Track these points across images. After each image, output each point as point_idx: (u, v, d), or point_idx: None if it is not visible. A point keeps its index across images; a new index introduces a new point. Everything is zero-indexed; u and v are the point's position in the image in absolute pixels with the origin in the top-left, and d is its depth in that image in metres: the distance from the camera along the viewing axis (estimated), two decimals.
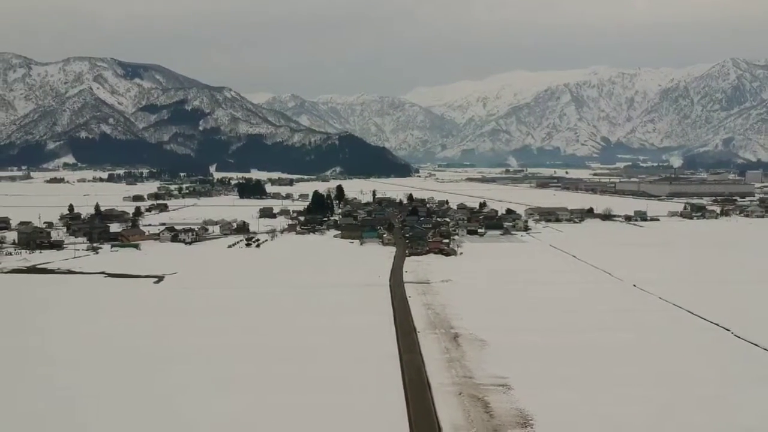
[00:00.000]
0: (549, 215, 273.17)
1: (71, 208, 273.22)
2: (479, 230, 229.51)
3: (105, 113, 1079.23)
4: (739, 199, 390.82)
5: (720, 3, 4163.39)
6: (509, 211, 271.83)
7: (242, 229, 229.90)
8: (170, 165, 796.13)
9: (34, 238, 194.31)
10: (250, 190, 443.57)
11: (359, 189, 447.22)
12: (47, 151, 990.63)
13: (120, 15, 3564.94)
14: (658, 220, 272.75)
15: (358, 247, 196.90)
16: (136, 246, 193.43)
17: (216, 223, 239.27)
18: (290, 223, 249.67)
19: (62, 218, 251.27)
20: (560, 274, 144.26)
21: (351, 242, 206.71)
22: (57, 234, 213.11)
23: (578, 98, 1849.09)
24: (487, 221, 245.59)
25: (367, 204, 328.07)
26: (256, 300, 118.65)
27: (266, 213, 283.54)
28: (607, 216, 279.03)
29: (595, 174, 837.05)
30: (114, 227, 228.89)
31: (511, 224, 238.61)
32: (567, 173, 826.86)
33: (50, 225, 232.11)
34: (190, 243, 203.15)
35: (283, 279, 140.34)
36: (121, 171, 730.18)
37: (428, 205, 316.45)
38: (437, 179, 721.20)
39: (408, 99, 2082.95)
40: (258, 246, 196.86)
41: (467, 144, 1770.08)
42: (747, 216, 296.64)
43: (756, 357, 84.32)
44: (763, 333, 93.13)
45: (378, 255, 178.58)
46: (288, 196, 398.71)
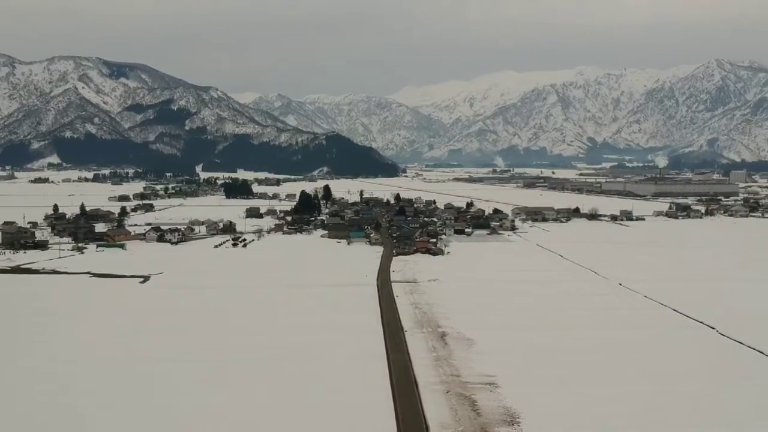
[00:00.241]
0: (536, 215, 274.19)
1: (56, 208, 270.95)
2: (466, 230, 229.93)
3: (90, 113, 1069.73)
4: (724, 199, 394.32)
5: (705, 5, 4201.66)
6: (496, 211, 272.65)
7: (229, 229, 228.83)
8: (156, 165, 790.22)
9: (19, 238, 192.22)
10: (237, 190, 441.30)
11: (346, 189, 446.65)
12: (31, 151, 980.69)
13: (105, 14, 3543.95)
14: (644, 220, 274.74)
15: (346, 247, 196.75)
16: (122, 246, 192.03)
17: (202, 223, 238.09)
18: (277, 223, 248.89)
19: (47, 218, 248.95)
20: (547, 273, 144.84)
21: (338, 242, 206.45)
22: (42, 234, 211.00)
23: (564, 99, 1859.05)
24: (474, 221, 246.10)
25: (355, 204, 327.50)
26: (243, 300, 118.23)
27: (253, 213, 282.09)
28: (594, 216, 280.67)
29: (582, 174, 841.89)
30: (99, 227, 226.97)
31: (498, 224, 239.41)
32: (553, 173, 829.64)
33: (35, 225, 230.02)
34: (176, 243, 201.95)
35: (270, 279, 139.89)
36: (107, 171, 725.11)
37: (415, 205, 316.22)
38: (424, 179, 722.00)
39: (395, 99, 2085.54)
40: (244, 246, 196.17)
41: (454, 144, 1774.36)
42: (731, 215, 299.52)
43: (741, 355, 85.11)
44: (748, 331, 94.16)
45: (365, 254, 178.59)
46: (275, 196, 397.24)
